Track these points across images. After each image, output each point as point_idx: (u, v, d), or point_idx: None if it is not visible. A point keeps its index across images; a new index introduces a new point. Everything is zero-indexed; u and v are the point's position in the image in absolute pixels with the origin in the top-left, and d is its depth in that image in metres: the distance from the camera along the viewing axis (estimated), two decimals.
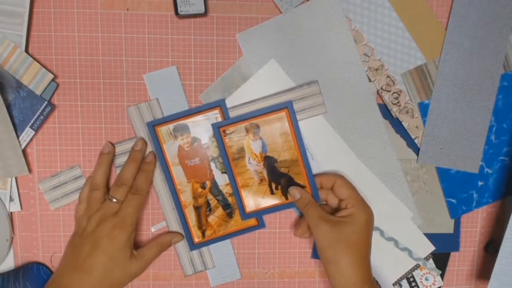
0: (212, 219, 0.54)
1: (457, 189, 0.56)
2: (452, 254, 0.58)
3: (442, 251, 0.57)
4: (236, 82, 0.53)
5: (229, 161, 0.53)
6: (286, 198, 0.53)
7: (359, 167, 0.55)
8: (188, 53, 0.52)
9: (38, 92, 0.50)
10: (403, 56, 0.54)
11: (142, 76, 0.52)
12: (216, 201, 0.54)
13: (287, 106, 0.52)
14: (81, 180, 0.52)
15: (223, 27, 0.52)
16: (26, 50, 0.50)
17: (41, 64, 0.50)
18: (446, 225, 0.57)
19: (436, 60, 0.54)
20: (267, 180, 0.53)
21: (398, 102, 0.55)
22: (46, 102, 0.50)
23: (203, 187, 0.53)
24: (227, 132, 0.52)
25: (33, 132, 0.51)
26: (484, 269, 0.59)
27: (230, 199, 0.54)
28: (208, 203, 0.54)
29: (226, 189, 0.54)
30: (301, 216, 0.55)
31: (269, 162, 0.53)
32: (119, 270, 0.48)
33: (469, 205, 0.57)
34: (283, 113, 0.52)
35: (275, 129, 0.53)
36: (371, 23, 0.53)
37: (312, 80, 0.53)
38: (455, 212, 0.57)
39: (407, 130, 0.55)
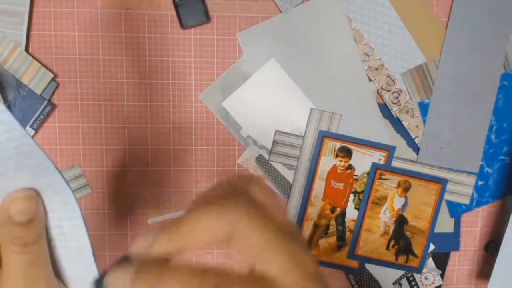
0: (322, 242, 0.55)
1: None
2: (452, 253, 0.58)
3: (442, 251, 0.57)
4: (236, 82, 0.53)
5: (367, 201, 0.54)
6: (396, 260, 0.55)
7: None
8: (188, 52, 0.52)
9: (38, 91, 0.50)
10: (403, 55, 0.54)
11: (142, 75, 0.52)
12: (335, 229, 0.55)
13: (442, 183, 0.54)
14: (81, 180, 0.52)
15: (223, 27, 0.52)
16: (26, 50, 0.50)
17: (41, 64, 0.50)
18: (446, 225, 0.57)
19: (436, 59, 0.54)
20: (389, 235, 0.55)
21: (398, 101, 0.55)
22: (46, 102, 0.50)
23: (332, 211, 0.54)
24: (382, 176, 0.54)
25: (33, 132, 0.51)
26: (484, 269, 0.59)
27: (347, 234, 0.55)
28: (327, 227, 0.55)
29: (349, 224, 0.55)
30: None
31: (400, 220, 0.55)
32: None
33: (469, 205, 0.57)
34: (436, 186, 0.54)
35: (422, 195, 0.54)
36: (371, 22, 0.53)
37: (474, 172, 0.55)
38: (455, 212, 0.57)
39: (407, 129, 0.55)
